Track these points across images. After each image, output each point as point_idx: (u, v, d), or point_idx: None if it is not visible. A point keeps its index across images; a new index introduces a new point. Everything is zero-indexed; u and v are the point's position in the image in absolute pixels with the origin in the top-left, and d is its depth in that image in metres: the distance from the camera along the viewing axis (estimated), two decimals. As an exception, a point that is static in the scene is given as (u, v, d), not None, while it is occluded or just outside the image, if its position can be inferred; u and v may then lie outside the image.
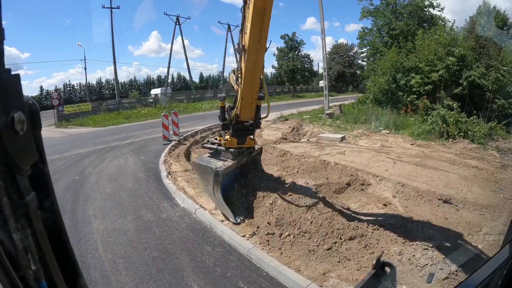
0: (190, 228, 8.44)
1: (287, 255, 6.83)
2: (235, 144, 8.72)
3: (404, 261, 6.36)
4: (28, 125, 0.86)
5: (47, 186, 1.00)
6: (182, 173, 12.35)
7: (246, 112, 8.22)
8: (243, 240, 7.39)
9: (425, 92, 21.86)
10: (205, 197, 9.99)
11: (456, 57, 21.33)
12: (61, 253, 1.05)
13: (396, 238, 7.06)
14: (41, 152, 0.95)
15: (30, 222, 0.89)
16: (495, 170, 11.89)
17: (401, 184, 10.16)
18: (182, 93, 63.40)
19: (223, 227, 8.08)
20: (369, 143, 16.69)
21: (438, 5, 36.71)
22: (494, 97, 20.22)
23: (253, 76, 7.49)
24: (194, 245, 7.57)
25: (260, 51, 7.11)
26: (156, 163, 14.53)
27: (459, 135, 16.38)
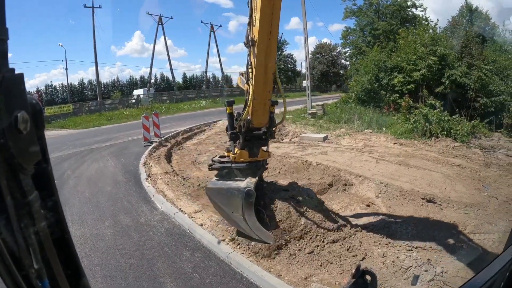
0: (169, 233, 8.15)
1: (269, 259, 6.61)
2: (247, 158, 7.27)
3: (388, 263, 6.22)
4: (32, 125, 0.87)
5: (50, 185, 1.01)
6: (162, 176, 12.04)
7: (259, 115, 6.94)
8: (222, 245, 7.12)
9: (407, 91, 21.98)
10: (185, 200, 9.72)
11: (437, 56, 21.43)
12: (64, 252, 1.06)
13: (379, 239, 6.93)
14: (45, 152, 0.96)
15: (33, 221, 0.90)
16: (479, 168, 11.91)
17: (384, 184, 10.06)
18: (165, 94, 62.68)
19: (202, 231, 7.79)
20: (351, 143, 16.57)
21: (421, 5, 37.03)
22: (476, 96, 20.39)
23: (266, 71, 6.54)
24: (173, 250, 7.29)
25: (271, 44, 6.40)
26: (136, 165, 14.18)
27: (442, 133, 16.46)
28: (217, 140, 19.04)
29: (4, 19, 0.84)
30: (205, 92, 62.74)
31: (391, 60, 24.15)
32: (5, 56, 0.83)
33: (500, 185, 10.33)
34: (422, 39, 23.22)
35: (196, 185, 10.78)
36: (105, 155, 17.36)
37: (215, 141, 18.77)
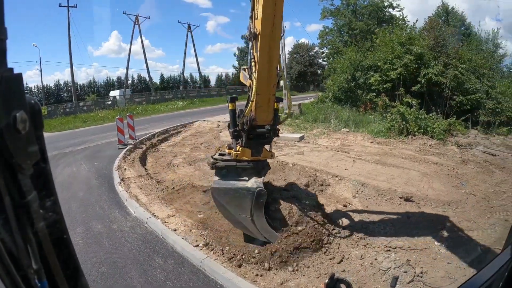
0: (142, 239, 7.87)
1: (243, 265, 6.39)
2: (249, 156, 6.98)
3: (366, 265, 6.13)
4: (30, 125, 0.88)
5: (49, 185, 1.03)
6: (136, 179, 11.74)
7: (263, 112, 6.56)
8: (195, 251, 6.88)
9: (384, 90, 22.06)
10: (158, 204, 9.44)
11: (414, 56, 21.57)
12: (63, 252, 1.08)
13: (357, 241, 6.84)
14: (43, 152, 0.97)
15: (31, 221, 0.91)
16: (456, 166, 11.95)
17: (361, 183, 9.97)
18: (142, 95, 61.81)
19: (175, 236, 7.54)
20: (328, 142, 16.47)
21: (398, 6, 37.38)
22: (452, 94, 20.55)
23: (269, 65, 6.20)
24: (145, 257, 7.04)
25: (275, 37, 6.00)
26: (110, 169, 13.81)
27: (418, 131, 16.54)
28: (193, 142, 18.78)
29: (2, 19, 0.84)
30: (182, 93, 62.18)
31: (367, 59, 24.24)
32: (3, 56, 0.84)
33: (478, 182, 10.37)
34: (399, 38, 23.36)
35: (170, 189, 10.49)
36: (79, 158, 16.91)
37: (191, 143, 18.50)
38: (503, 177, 10.76)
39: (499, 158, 13.35)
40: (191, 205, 9.07)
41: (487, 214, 8.12)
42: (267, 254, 6.30)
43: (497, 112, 19.48)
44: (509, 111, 19.36)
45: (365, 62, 24.12)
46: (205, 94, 64.25)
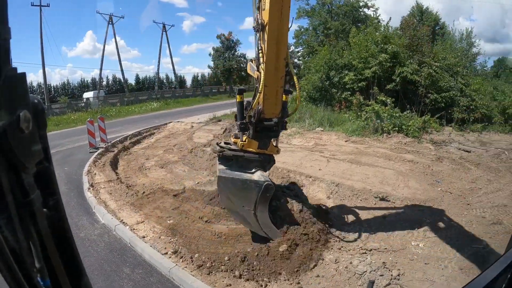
0: (109, 248, 7.55)
1: (213, 272, 6.15)
2: (255, 148, 6.85)
3: (341, 269, 5.99)
4: (34, 124, 0.89)
5: (52, 184, 1.05)
6: (106, 184, 11.34)
7: (270, 104, 6.48)
8: (163, 259, 6.61)
9: (358, 88, 22.07)
10: (127, 210, 9.11)
11: (388, 54, 21.64)
12: (66, 251, 1.09)
13: (332, 244, 6.66)
14: (47, 151, 0.98)
15: (34, 220, 0.92)
16: (431, 163, 11.96)
17: (335, 183, 9.86)
18: (116, 96, 60.79)
19: (143, 244, 7.24)
20: (302, 142, 16.29)
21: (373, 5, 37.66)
22: (427, 92, 20.69)
23: (277, 56, 6.15)
24: (113, 267, 6.73)
25: (283, 27, 6.02)
26: (80, 174, 13.32)
27: (393, 129, 16.58)
28: (166, 144, 18.41)
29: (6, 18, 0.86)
30: (157, 94, 61.50)
31: (342, 58, 24.25)
32: (7, 55, 0.85)
33: (453, 179, 10.38)
34: (374, 37, 23.43)
35: (141, 193, 10.16)
36: (49, 163, 16.45)
37: (164, 145, 18.13)
38: (479, 173, 10.77)
39: (474, 154, 13.40)
40: (160, 210, 8.78)
41: (464, 212, 8.12)
42: (238, 261, 6.07)
43: (471, 109, 19.72)
44: (483, 108, 19.63)
45: (339, 61, 24.12)
46: (180, 95, 63.81)
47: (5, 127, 0.81)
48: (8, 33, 0.84)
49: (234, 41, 72.87)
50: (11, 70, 0.84)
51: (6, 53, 0.83)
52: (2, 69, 0.82)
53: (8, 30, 0.84)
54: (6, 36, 0.84)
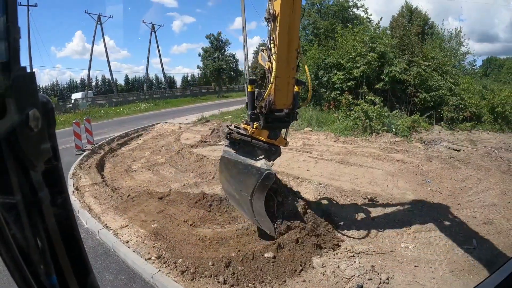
0: (92, 253, 7.27)
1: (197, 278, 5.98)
2: (265, 137, 6.82)
3: (328, 274, 5.83)
4: (43, 122, 0.91)
5: (60, 182, 1.06)
6: (90, 187, 11.13)
7: (282, 95, 6.47)
8: (147, 265, 6.42)
9: (347, 88, 22.09)
10: (111, 214, 8.91)
11: (377, 53, 21.65)
12: (72, 249, 1.11)
13: (318, 248, 6.49)
14: (55, 149, 1.01)
15: (42, 218, 0.95)
16: (421, 163, 11.90)
17: (323, 185, 9.76)
18: (104, 97, 60.53)
19: (126, 249, 7.05)
20: (290, 142, 16.05)
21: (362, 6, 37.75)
22: (416, 91, 20.76)
23: (289, 46, 6.15)
24: (95, 273, 6.46)
25: (294, 17, 6.00)
26: (65, 177, 13.12)
27: (382, 129, 16.59)
28: (153, 145, 18.26)
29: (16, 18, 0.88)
30: (146, 94, 61.30)
31: (331, 57, 24.22)
32: (17, 55, 0.88)
33: (443, 179, 10.31)
34: (362, 36, 23.45)
35: (126, 196, 9.93)
36: (33, 166, 16.19)
37: (151, 146, 17.98)
38: (469, 172, 10.72)
39: (464, 153, 13.40)
40: (145, 214, 8.58)
41: (454, 212, 8.01)
42: (222, 266, 5.90)
43: (461, 108, 19.88)
44: (472, 107, 19.78)
45: (328, 61, 24.09)
46: (169, 95, 63.78)
47: (15, 125, 0.83)
48: (18, 33, 0.87)
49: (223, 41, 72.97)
50: (21, 69, 0.86)
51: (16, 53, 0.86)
52: (12, 68, 0.84)
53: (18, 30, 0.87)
54: (16, 36, 0.87)
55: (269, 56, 6.45)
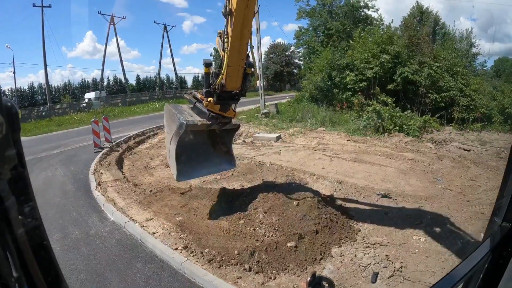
0: (120, 244, 7.68)
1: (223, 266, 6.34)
2: (217, 110, 7.76)
3: (346, 262, 6.15)
4: (7, 128, 0.85)
5: (27, 190, 1.00)
6: (113, 183, 11.55)
7: (232, 81, 7.42)
8: (175, 254, 6.78)
9: (360, 88, 22.28)
10: (136, 208, 9.29)
11: (390, 55, 21.80)
12: (43, 259, 1.05)
13: (336, 238, 6.82)
14: (21, 156, 0.95)
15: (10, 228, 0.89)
16: (432, 162, 12.14)
17: (338, 181, 10.05)
18: (117, 97, 60.66)
19: (154, 240, 7.41)
20: (305, 141, 16.55)
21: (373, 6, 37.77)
22: (427, 92, 20.86)
23: (240, 41, 6.92)
24: (124, 262, 6.89)
25: (248, 15, 6.65)
26: (86, 173, 13.50)
27: (394, 129, 16.78)
28: (170, 144, 18.47)
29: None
30: (159, 94, 61.43)
31: (344, 58, 24.39)
32: None
33: (453, 177, 10.52)
34: (375, 37, 23.59)
35: (148, 192, 10.34)
36: (54, 163, 16.54)
37: (168, 145, 18.22)
38: (478, 171, 10.94)
39: (474, 153, 13.61)
40: (169, 208, 8.95)
41: (463, 208, 8.26)
42: (247, 255, 6.27)
43: (471, 109, 19.92)
44: (482, 107, 19.82)
45: (341, 62, 24.25)
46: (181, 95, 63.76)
47: None
48: None
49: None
50: None
51: None
52: None
53: None
54: None
55: (223, 47, 7.13)
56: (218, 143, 8.97)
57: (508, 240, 1.97)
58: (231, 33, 6.73)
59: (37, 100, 79.38)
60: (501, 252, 1.96)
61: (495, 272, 1.94)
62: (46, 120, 41.91)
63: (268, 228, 6.99)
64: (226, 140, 8.98)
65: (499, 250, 1.96)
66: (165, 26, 75.50)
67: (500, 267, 1.93)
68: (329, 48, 26.98)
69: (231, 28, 6.69)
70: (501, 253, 1.96)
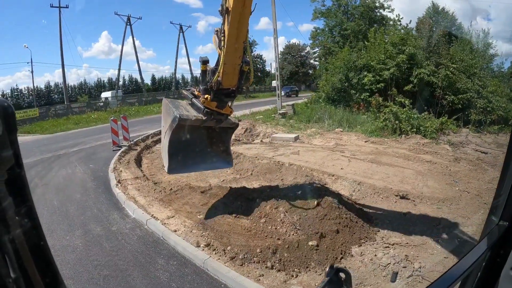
0: (142, 241, 7.82)
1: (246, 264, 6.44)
2: (213, 107, 7.94)
3: (366, 261, 6.23)
4: (4, 128, 0.84)
5: (24, 191, 0.98)
6: (133, 181, 11.74)
7: (228, 78, 7.57)
8: (197, 251, 6.88)
9: (377, 89, 22.17)
10: (157, 205, 9.42)
11: (406, 56, 21.74)
12: (41, 259, 1.03)
13: (356, 238, 6.90)
14: (18, 156, 0.93)
15: (7, 229, 0.88)
16: (449, 164, 12.10)
17: (357, 182, 10.06)
18: (134, 96, 61.42)
19: (176, 237, 7.51)
20: (323, 142, 16.58)
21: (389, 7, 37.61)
22: (444, 94, 20.74)
23: (237, 40, 6.99)
24: (147, 259, 6.99)
25: (245, 14, 6.72)
26: (105, 171, 13.77)
27: (411, 130, 16.70)
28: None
29: None
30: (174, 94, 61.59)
31: (361, 59, 24.35)
32: None
33: (471, 179, 10.50)
34: (392, 38, 23.53)
35: (168, 190, 10.45)
36: (73, 161, 16.82)
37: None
38: (495, 174, 10.87)
39: (491, 156, 13.58)
40: (190, 206, 9.06)
41: (480, 210, 8.24)
42: (269, 253, 6.38)
43: (488, 111, 19.76)
44: (499, 109, 19.67)
45: (358, 62, 24.23)
46: (190, 93, 63.98)
47: None
48: None
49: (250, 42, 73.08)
50: None
51: None
52: None
53: None
54: None
55: (220, 45, 7.27)
56: (216, 141, 9.09)
57: (505, 239, 2.01)
58: (228, 32, 6.85)
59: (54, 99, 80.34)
60: (498, 251, 1.99)
61: (493, 271, 1.99)
62: (64, 119, 42.50)
63: (290, 227, 7.07)
64: (224, 138, 9.12)
65: (497, 249, 2.00)
66: (181, 27, 75.91)
67: (498, 266, 1.97)
68: (346, 48, 26.92)
69: (228, 27, 6.79)
70: (498, 252, 1.99)
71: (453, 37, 27.21)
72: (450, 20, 40.88)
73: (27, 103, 75.09)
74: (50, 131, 34.75)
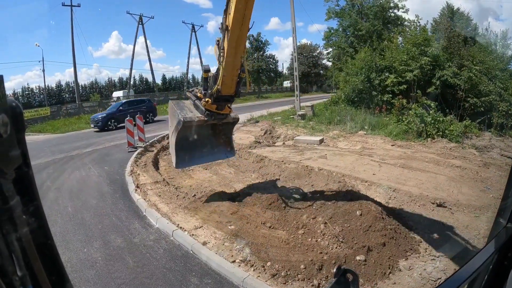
0: (170, 255, 7.12)
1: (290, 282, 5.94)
2: (214, 109, 8.76)
3: (416, 276, 5.85)
4: (12, 128, 0.85)
5: (31, 190, 1.00)
6: (152, 186, 11.26)
7: (227, 87, 8.28)
8: (234, 268, 6.34)
9: (399, 91, 21.88)
10: (181, 214, 8.91)
11: (429, 57, 21.39)
12: (47, 258, 1.05)
13: (402, 250, 6.52)
14: (25, 155, 0.95)
15: (15, 227, 0.89)
16: (479, 169, 11.77)
17: (392, 189, 9.75)
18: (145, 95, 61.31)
19: (208, 252, 6.94)
20: (349, 145, 16.23)
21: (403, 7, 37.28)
22: (466, 96, 20.38)
23: (235, 55, 7.56)
24: (177, 277, 6.35)
25: (243, 31, 7.21)
26: (122, 174, 13.35)
27: (437, 134, 16.29)
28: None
29: None
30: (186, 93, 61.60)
31: (384, 60, 24.03)
32: None
33: (502, 186, 10.02)
34: (414, 39, 23.19)
35: (191, 196, 10.00)
36: (87, 162, 16.40)
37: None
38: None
39: (518, 160, 13.20)
40: (218, 215, 8.53)
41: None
42: (314, 269, 5.95)
43: (510, 114, 19.39)
44: (522, 113, 19.27)
45: (380, 63, 23.89)
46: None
47: None
48: None
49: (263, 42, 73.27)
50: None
51: None
52: None
53: None
54: None
55: (219, 59, 7.90)
56: (219, 134, 9.86)
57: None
58: (227, 49, 7.42)
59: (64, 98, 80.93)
60: (506, 253, 2.02)
61: (500, 274, 2.00)
62: (75, 118, 42.55)
63: (332, 239, 6.67)
64: (226, 131, 9.94)
65: (504, 251, 2.02)
66: (193, 26, 76.20)
67: (505, 269, 1.99)
68: (367, 49, 26.55)
69: (227, 44, 7.34)
70: (506, 254, 2.02)
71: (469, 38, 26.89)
72: (466, 21, 40.46)
73: (38, 102, 75.45)
74: (61, 130, 34.61)
